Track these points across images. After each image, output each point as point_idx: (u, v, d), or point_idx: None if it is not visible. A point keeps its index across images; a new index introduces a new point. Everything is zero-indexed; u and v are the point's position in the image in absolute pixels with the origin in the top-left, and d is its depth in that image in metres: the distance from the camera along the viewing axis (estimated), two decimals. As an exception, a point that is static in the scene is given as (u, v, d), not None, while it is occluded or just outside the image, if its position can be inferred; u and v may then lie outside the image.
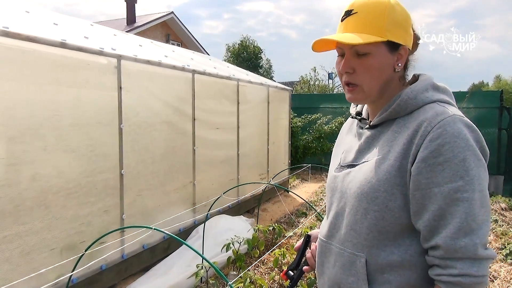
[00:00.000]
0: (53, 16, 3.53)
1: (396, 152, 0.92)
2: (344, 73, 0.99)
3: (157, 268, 3.46)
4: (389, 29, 0.93)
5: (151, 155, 3.50)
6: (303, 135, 9.43)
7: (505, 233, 4.74)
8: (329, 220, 1.09)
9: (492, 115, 7.48)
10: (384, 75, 0.98)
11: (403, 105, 0.96)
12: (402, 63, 0.99)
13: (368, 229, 0.94)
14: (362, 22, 0.94)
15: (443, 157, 0.85)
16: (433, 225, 0.86)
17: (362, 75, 0.96)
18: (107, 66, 3.00)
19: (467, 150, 0.85)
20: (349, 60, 0.97)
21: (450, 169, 0.84)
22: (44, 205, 2.53)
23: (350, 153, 1.08)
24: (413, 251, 0.92)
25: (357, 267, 0.96)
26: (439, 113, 0.90)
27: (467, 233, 0.82)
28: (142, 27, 14.58)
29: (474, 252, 0.82)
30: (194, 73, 4.09)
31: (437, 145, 0.85)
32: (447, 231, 0.84)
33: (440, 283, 0.85)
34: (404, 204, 0.91)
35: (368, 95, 0.99)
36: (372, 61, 0.95)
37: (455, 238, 0.83)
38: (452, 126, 0.86)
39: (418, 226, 0.90)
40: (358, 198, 0.96)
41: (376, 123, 1.03)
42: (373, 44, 0.93)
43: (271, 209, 5.96)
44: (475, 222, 0.83)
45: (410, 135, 0.91)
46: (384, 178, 0.91)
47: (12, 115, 2.34)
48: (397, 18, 0.95)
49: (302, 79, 20.59)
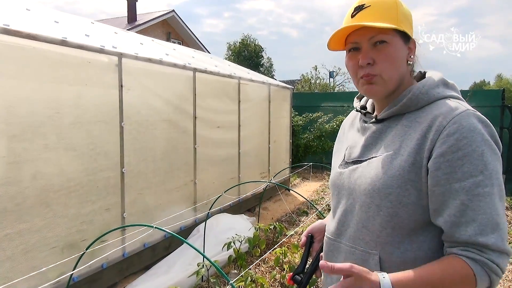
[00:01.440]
0: (54, 14, 3.52)
1: (409, 147, 0.91)
2: (365, 65, 0.96)
3: (158, 267, 3.46)
4: (402, 20, 0.96)
5: (152, 154, 3.49)
6: (304, 134, 9.43)
7: (507, 232, 4.73)
8: (336, 218, 1.07)
9: (494, 114, 7.45)
10: (401, 66, 0.98)
11: (414, 99, 0.95)
12: (413, 56, 1.00)
13: (381, 226, 0.93)
14: (377, 13, 0.95)
15: (461, 152, 0.84)
16: (455, 221, 0.84)
17: (382, 64, 0.95)
18: (108, 64, 2.99)
19: (484, 144, 0.84)
20: (368, 51, 0.96)
21: (470, 164, 0.83)
22: (45, 204, 2.53)
23: (355, 148, 1.07)
24: (427, 248, 0.91)
25: (370, 265, 0.94)
26: (453, 108, 0.89)
27: (494, 229, 0.82)
28: (143, 25, 14.57)
29: (502, 246, 0.82)
30: (195, 71, 4.08)
31: (455, 140, 0.85)
32: (474, 228, 0.82)
33: (465, 258, 0.82)
34: (418, 199, 0.90)
35: (388, 86, 0.98)
36: (391, 50, 0.95)
37: (484, 234, 0.82)
38: (468, 120, 0.86)
39: (438, 222, 0.88)
40: (369, 194, 0.95)
41: (383, 117, 1.01)
42: (390, 33, 0.94)
43: (272, 208, 5.96)
44: (499, 217, 0.83)
45: (424, 130, 0.90)
46: (398, 174, 0.90)
47: (13, 113, 2.33)
48: (405, 12, 0.98)
49: (303, 77, 20.58)
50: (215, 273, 3.33)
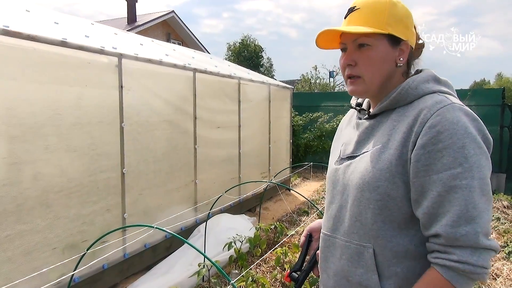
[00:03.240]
0: (54, 15, 3.52)
1: (396, 140, 0.92)
2: (347, 66, 1.01)
3: (159, 267, 3.46)
4: (390, 23, 0.96)
5: (153, 154, 3.49)
6: (305, 134, 9.43)
7: (508, 231, 4.72)
8: (332, 214, 1.08)
9: (494, 113, 7.46)
10: (385, 68, 0.99)
11: (403, 94, 0.97)
12: (404, 58, 1.00)
13: (372, 219, 0.94)
14: (364, 16, 0.98)
15: (442, 144, 0.84)
16: (432, 212, 0.86)
17: (363, 67, 0.99)
18: (108, 65, 2.99)
19: (466, 137, 0.84)
20: (351, 53, 1.00)
21: (449, 156, 0.84)
22: (46, 204, 2.53)
23: (349, 145, 1.09)
24: (418, 241, 0.92)
25: (365, 258, 0.96)
26: (438, 101, 0.90)
27: (468, 221, 0.81)
28: (143, 26, 14.57)
29: (475, 240, 0.81)
30: (195, 71, 4.08)
31: (436, 132, 0.85)
32: (447, 219, 0.83)
33: (436, 266, 0.85)
34: (406, 193, 0.91)
35: (369, 88, 1.00)
36: (373, 53, 0.97)
37: (455, 226, 0.82)
38: (452, 113, 0.86)
39: (417, 213, 0.90)
40: (360, 188, 0.96)
41: (375, 113, 1.03)
42: (374, 36, 0.96)
43: (272, 208, 5.96)
44: (476, 210, 0.82)
45: (410, 123, 0.91)
46: (385, 167, 0.92)
47: (13, 114, 2.33)
48: (398, 13, 0.98)
49: (303, 77, 20.58)
50: (216, 273, 3.33)
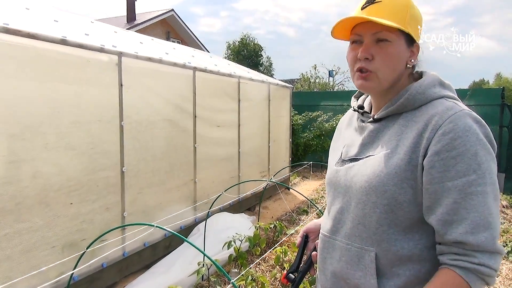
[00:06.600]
0: (54, 13, 3.51)
1: (406, 146, 0.92)
2: (363, 59, 0.98)
3: (158, 266, 3.45)
4: (409, 23, 0.96)
5: (152, 153, 3.49)
6: (304, 133, 9.42)
7: (507, 230, 4.73)
8: (332, 215, 1.07)
9: (494, 112, 7.46)
10: (399, 68, 0.98)
11: (411, 99, 0.96)
12: (414, 60, 1.01)
13: (378, 223, 0.94)
14: (387, 10, 0.95)
15: (455, 151, 0.85)
16: (447, 219, 0.85)
17: (380, 62, 0.96)
18: (107, 63, 2.98)
19: (478, 144, 0.85)
20: (369, 46, 0.97)
21: (463, 163, 0.84)
22: (45, 203, 2.52)
23: (352, 147, 1.08)
24: (423, 245, 0.92)
25: (365, 261, 0.95)
26: (449, 107, 0.90)
27: (486, 228, 0.82)
28: (142, 24, 14.55)
29: (492, 245, 0.82)
30: (195, 70, 4.07)
31: (449, 139, 0.85)
32: (465, 226, 0.83)
33: (455, 268, 0.84)
34: (414, 198, 0.91)
35: (381, 84, 0.99)
36: (391, 50, 0.96)
37: (475, 233, 0.82)
38: (463, 120, 0.87)
39: (430, 220, 0.89)
40: (365, 192, 0.95)
41: (381, 117, 1.02)
42: (395, 33, 0.95)
43: (272, 207, 5.96)
44: (491, 216, 0.83)
45: (420, 129, 0.91)
46: (394, 172, 0.91)
47: (12, 113, 2.33)
48: (415, 14, 0.98)
49: (303, 76, 20.55)
50: (216, 272, 3.33)
